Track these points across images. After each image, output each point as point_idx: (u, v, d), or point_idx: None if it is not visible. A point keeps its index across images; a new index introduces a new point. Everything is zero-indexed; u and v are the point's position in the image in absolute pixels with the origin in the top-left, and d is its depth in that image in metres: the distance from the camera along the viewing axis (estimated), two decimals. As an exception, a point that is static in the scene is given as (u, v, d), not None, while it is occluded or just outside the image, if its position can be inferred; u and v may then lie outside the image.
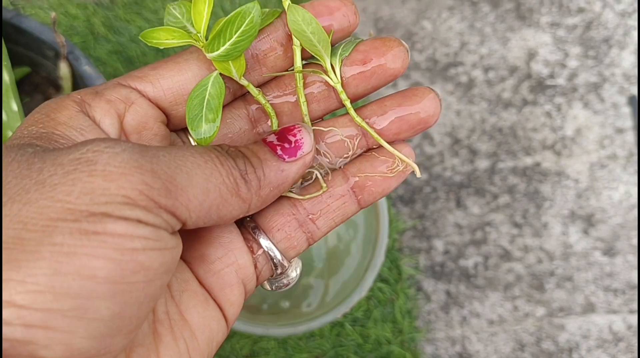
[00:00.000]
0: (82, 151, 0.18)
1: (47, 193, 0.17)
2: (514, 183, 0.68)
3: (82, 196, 0.17)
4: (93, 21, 0.68)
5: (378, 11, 0.73)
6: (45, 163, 0.18)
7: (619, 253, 0.67)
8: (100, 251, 0.17)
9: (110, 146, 0.18)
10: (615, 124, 0.71)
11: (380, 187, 0.25)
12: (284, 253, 0.24)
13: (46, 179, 0.17)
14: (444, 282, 0.64)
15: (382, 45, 0.24)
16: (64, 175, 0.17)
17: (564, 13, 0.75)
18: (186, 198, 0.19)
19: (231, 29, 0.22)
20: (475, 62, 0.72)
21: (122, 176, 0.17)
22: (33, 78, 0.49)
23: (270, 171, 0.22)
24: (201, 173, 0.19)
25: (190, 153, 0.20)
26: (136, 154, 0.18)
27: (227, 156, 0.21)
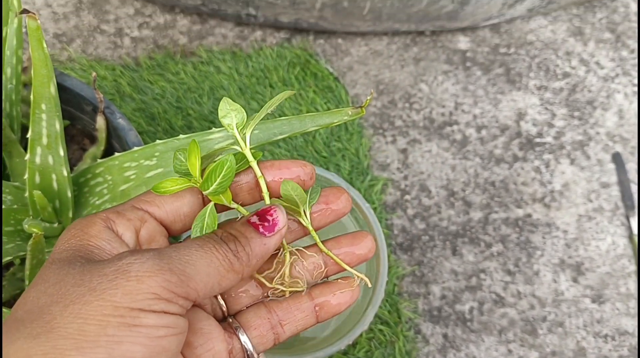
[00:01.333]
0: (119, 263, 0.24)
1: (99, 295, 0.23)
2: (506, 233, 0.72)
3: (124, 296, 0.23)
4: (120, 81, 0.75)
5: (379, 74, 0.80)
6: (93, 274, 0.24)
7: (607, 301, 0.70)
8: (138, 340, 0.23)
9: (139, 258, 0.24)
10: (601, 180, 0.76)
11: (335, 309, 0.32)
12: (256, 347, 0.31)
13: (96, 286, 0.23)
14: (441, 326, 0.68)
15: (334, 193, 0.33)
16: (109, 282, 0.23)
17: (550, 77, 0.82)
18: (194, 283, 0.25)
19: (214, 174, 0.30)
20: (469, 121, 0.78)
21: (149, 278, 0.24)
22: (70, 130, 0.55)
23: (255, 246, 0.28)
24: (203, 262, 0.26)
25: (194, 247, 0.26)
26: (156, 259, 0.24)
27: (222, 242, 0.27)
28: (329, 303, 0.32)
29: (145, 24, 0.80)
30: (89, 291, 0.23)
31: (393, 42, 0.82)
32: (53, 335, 0.22)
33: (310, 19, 0.77)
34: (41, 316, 0.23)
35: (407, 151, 0.76)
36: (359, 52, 0.81)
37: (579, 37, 0.85)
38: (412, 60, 0.81)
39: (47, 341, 0.22)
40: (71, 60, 0.77)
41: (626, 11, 0.87)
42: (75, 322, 0.23)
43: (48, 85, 0.38)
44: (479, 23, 0.82)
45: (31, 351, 0.22)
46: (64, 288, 0.24)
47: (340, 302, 0.32)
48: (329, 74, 0.79)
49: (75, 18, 0.80)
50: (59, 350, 0.22)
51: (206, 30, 0.80)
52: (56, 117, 0.39)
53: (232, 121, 0.32)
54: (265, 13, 0.76)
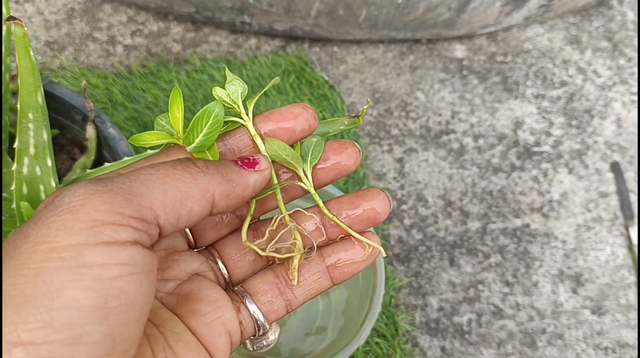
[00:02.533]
0: (49, 200, 0.21)
1: (32, 240, 0.20)
2: (504, 243, 0.71)
3: (59, 233, 0.19)
4: (112, 90, 0.74)
5: (375, 83, 0.79)
6: (29, 224, 0.21)
7: (607, 312, 0.69)
8: (84, 284, 0.19)
9: (68, 188, 0.21)
10: (600, 189, 0.75)
11: (350, 268, 0.29)
12: (266, 315, 0.28)
13: (30, 232, 0.20)
14: (439, 338, 0.67)
15: (339, 146, 0.29)
16: (41, 223, 0.20)
17: (547, 86, 0.81)
18: (147, 201, 0.21)
19: (201, 123, 0.26)
20: (466, 130, 0.77)
21: (84, 205, 0.20)
22: (59, 140, 0.54)
23: (232, 172, 0.25)
24: (155, 178, 0.22)
25: (144, 168, 0.23)
26: (91, 184, 0.21)
27: (183, 160, 0.24)
28: (343, 262, 0.28)
29: (139, 32, 0.79)
30: (24, 239, 0.20)
31: (389, 50, 0.82)
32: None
33: (305, 26, 0.76)
34: (19, 253, 0.20)
35: (404, 161, 0.75)
36: (355, 60, 0.81)
37: (575, 46, 0.84)
38: (408, 68, 0.81)
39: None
40: (63, 68, 0.75)
41: (623, 19, 0.86)
42: (10, 275, 0.19)
43: (35, 94, 0.37)
44: (476, 31, 0.81)
45: None
46: (6, 245, 0.21)
47: (356, 261, 0.28)
48: (325, 83, 0.78)
49: (67, 26, 0.78)
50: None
51: (200, 38, 0.79)
52: (44, 126, 0.38)
53: (238, 90, 0.29)
54: (260, 21, 0.75)
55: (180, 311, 0.26)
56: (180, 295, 0.27)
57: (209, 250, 0.29)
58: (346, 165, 0.29)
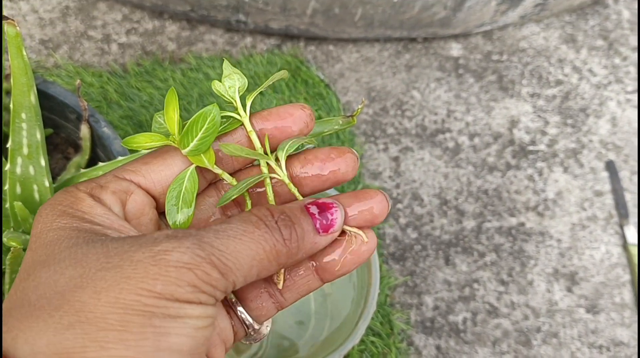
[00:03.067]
0: (155, 249, 0.22)
1: (136, 284, 0.21)
2: (499, 242, 0.72)
3: (165, 286, 0.21)
4: (107, 88, 0.73)
5: (371, 82, 0.79)
6: (124, 258, 0.22)
7: (602, 311, 0.69)
8: (185, 331, 0.21)
9: (177, 245, 0.22)
10: (595, 188, 0.75)
11: (339, 266, 0.28)
12: (256, 319, 0.28)
13: (131, 273, 0.21)
14: (434, 337, 0.67)
15: (337, 154, 0.28)
16: (145, 270, 0.21)
17: (543, 85, 0.81)
18: (234, 276, 0.23)
19: (196, 127, 0.26)
20: (461, 129, 0.77)
21: (190, 270, 0.22)
22: (53, 139, 0.54)
23: (307, 243, 0.25)
24: (249, 253, 0.23)
25: (239, 233, 0.23)
26: (197, 249, 0.22)
27: (275, 228, 0.24)
28: (330, 261, 0.28)
29: (134, 30, 0.79)
30: (124, 279, 0.21)
31: (385, 49, 0.82)
32: (91, 327, 0.20)
33: (301, 25, 0.76)
34: (68, 302, 0.20)
35: (399, 159, 0.75)
36: (351, 59, 0.80)
37: (571, 45, 0.84)
38: (404, 67, 0.81)
39: (85, 333, 0.20)
40: (57, 66, 0.75)
41: (618, 18, 0.86)
42: (115, 312, 0.20)
43: (28, 94, 0.37)
44: (472, 30, 0.81)
45: (66, 344, 0.20)
46: (89, 271, 0.21)
47: (345, 259, 0.28)
48: (320, 81, 0.78)
49: (61, 24, 0.78)
50: (100, 343, 0.20)
51: (195, 37, 0.79)
52: (37, 126, 0.38)
53: (235, 84, 0.28)
54: (256, 19, 0.75)
55: None
56: None
57: None
58: (344, 173, 0.28)
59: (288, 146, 0.28)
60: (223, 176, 0.28)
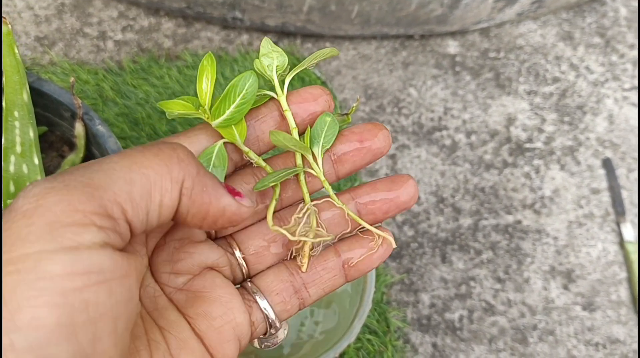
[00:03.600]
0: (9, 203, 0.19)
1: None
2: (496, 239, 0.72)
3: (16, 242, 0.17)
4: (102, 86, 0.73)
5: (368, 79, 0.79)
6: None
7: (598, 308, 0.69)
8: (43, 300, 0.16)
9: (25, 188, 0.18)
10: (591, 185, 0.75)
11: (366, 265, 0.28)
12: (278, 315, 0.26)
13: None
14: (430, 335, 0.67)
15: (371, 128, 0.28)
16: (3, 231, 0.17)
17: (540, 82, 0.81)
18: (111, 193, 0.18)
19: (234, 93, 0.25)
20: (458, 127, 0.77)
21: (39, 207, 0.17)
22: (48, 137, 0.54)
23: (209, 179, 0.22)
24: (120, 167, 0.19)
25: (110, 156, 0.20)
26: (47, 181, 0.18)
27: (157, 144, 0.21)
28: (358, 259, 0.27)
29: (129, 27, 0.78)
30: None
31: (382, 46, 0.81)
32: None
33: (297, 22, 0.76)
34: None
35: (396, 157, 0.75)
36: (347, 56, 0.80)
37: (568, 42, 0.84)
38: (400, 64, 0.80)
39: None
40: (53, 64, 0.75)
41: (615, 16, 0.86)
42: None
43: (20, 92, 0.37)
44: (469, 27, 0.81)
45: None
46: None
47: (372, 257, 0.27)
48: (317, 79, 0.77)
49: (57, 21, 0.78)
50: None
51: (191, 34, 0.79)
52: (30, 124, 0.38)
53: (273, 62, 0.27)
54: (252, 16, 0.75)
55: (188, 312, 0.25)
56: (190, 291, 0.25)
57: (227, 240, 0.27)
58: (379, 147, 0.28)
59: (323, 141, 0.27)
60: (249, 154, 0.26)
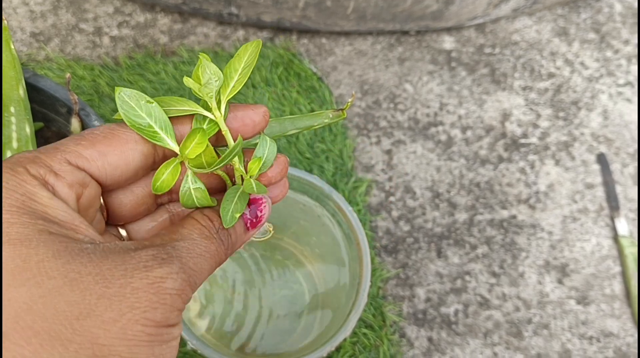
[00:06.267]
0: (150, 276, 0.22)
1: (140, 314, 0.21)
2: (491, 234, 0.72)
3: (163, 315, 0.22)
4: (98, 82, 0.73)
5: (363, 74, 0.79)
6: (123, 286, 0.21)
7: (592, 302, 0.70)
8: (172, 353, 0.23)
9: (169, 273, 0.23)
10: (586, 180, 0.76)
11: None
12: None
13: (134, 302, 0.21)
14: (426, 329, 0.67)
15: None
16: (147, 299, 0.21)
17: (535, 78, 0.81)
18: (196, 288, 0.24)
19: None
20: (454, 122, 0.78)
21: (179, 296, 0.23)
22: (44, 132, 0.54)
23: (238, 243, 0.27)
24: (209, 267, 0.25)
25: (203, 252, 0.25)
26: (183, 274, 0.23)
27: (221, 243, 0.26)
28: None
29: (125, 23, 0.78)
30: (129, 309, 0.21)
31: (377, 42, 0.82)
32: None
33: (293, 18, 0.76)
34: (79, 334, 0.20)
35: (392, 152, 0.75)
36: (343, 52, 0.80)
37: (563, 38, 0.84)
38: (396, 60, 0.81)
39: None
40: (49, 59, 0.75)
41: (610, 11, 0.86)
42: (124, 344, 0.21)
43: (17, 87, 0.37)
44: (464, 23, 0.81)
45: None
46: (90, 297, 0.20)
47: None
48: (313, 74, 0.78)
49: (53, 17, 0.78)
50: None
51: (187, 30, 0.79)
52: (26, 120, 0.38)
53: (212, 84, 0.27)
54: (248, 12, 0.75)
55: None
56: None
57: (118, 230, 0.29)
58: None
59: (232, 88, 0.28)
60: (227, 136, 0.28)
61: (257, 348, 0.57)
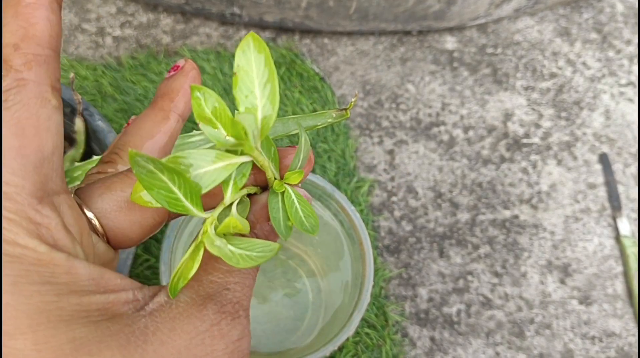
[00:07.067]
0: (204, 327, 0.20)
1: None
2: (493, 234, 0.72)
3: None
4: (101, 82, 0.73)
5: (366, 75, 0.79)
6: (175, 330, 0.19)
7: (595, 302, 0.70)
8: None
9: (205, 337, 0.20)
10: (588, 180, 0.76)
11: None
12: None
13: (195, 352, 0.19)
14: (428, 329, 0.67)
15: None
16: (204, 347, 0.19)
17: (537, 78, 0.81)
18: None
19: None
20: (456, 122, 0.78)
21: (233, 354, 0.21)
22: (48, 132, 0.54)
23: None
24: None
25: (243, 277, 0.22)
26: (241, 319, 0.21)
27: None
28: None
29: (128, 23, 0.79)
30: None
31: (380, 42, 0.82)
32: None
33: (295, 18, 0.76)
34: None
35: (394, 152, 0.75)
36: (345, 52, 0.81)
37: (565, 38, 0.85)
38: (398, 60, 0.81)
39: None
40: (51, 60, 0.75)
41: (612, 11, 0.86)
42: None
43: (22, 87, 0.37)
44: (466, 23, 0.81)
45: None
46: None
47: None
48: (315, 74, 0.78)
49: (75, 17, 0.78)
50: None
51: (190, 30, 0.79)
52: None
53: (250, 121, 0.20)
54: (250, 12, 0.75)
55: None
56: None
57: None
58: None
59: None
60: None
61: (260, 346, 0.57)
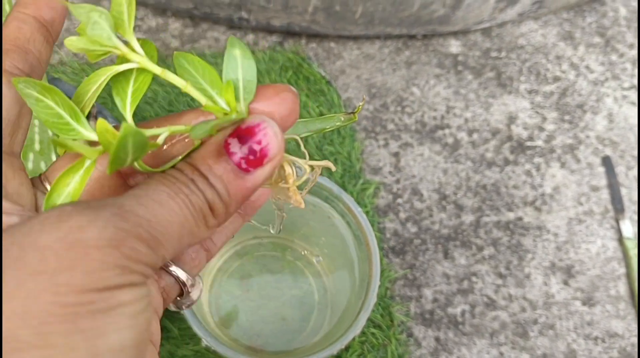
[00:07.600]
0: (64, 228, 0.17)
1: (50, 279, 0.16)
2: (497, 236, 0.73)
3: (89, 275, 0.17)
4: (111, 85, 0.75)
5: (371, 78, 0.80)
6: (27, 247, 0.17)
7: (597, 303, 0.71)
8: (122, 323, 0.17)
9: (93, 219, 0.17)
10: (591, 183, 0.77)
11: (255, 199, 0.26)
12: (189, 273, 0.24)
13: (39, 266, 0.16)
14: (433, 329, 0.68)
15: (273, 92, 0.24)
16: (58, 258, 0.17)
17: (541, 81, 0.82)
18: (164, 250, 0.19)
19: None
20: (460, 125, 0.79)
21: (115, 248, 0.17)
22: (61, 135, 0.55)
23: (236, 191, 0.21)
24: (176, 221, 0.19)
25: (164, 200, 0.19)
26: (120, 222, 0.18)
27: (197, 192, 0.20)
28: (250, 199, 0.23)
29: (137, 28, 0.80)
30: (32, 277, 0.16)
31: (385, 46, 0.83)
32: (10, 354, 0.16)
33: (302, 22, 0.77)
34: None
35: (399, 155, 0.76)
36: (351, 56, 0.82)
37: (569, 42, 0.85)
38: (404, 64, 0.82)
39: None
40: (62, 64, 0.76)
41: (615, 15, 0.87)
42: (27, 326, 0.16)
43: (40, 91, 0.38)
44: (470, 27, 0.82)
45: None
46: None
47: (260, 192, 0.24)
48: (321, 78, 0.79)
49: (66, 21, 0.79)
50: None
51: (198, 34, 0.80)
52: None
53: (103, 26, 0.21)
54: (258, 17, 0.76)
55: None
56: None
57: None
58: (282, 117, 0.22)
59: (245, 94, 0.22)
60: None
61: (267, 346, 0.58)
